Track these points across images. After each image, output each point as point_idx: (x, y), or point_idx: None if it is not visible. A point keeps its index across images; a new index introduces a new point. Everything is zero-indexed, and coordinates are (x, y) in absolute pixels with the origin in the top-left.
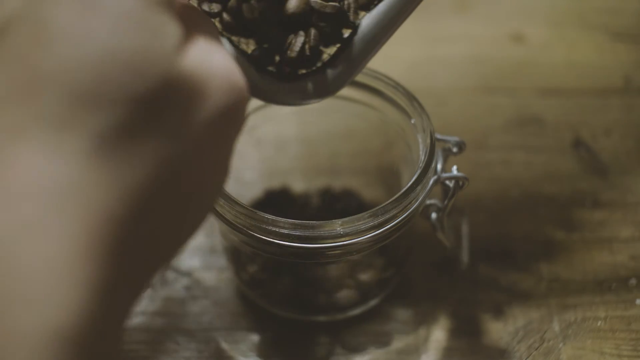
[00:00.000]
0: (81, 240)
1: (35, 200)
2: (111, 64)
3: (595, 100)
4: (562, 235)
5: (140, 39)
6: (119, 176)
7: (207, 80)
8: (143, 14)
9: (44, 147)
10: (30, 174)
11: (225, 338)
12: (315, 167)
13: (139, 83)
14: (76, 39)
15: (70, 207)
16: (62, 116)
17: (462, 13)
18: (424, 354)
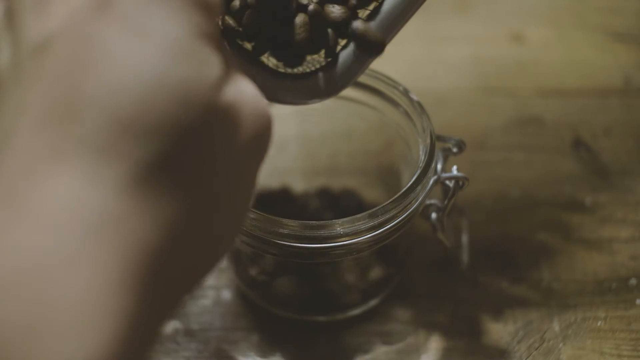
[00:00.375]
0: (117, 271)
1: (72, 228)
2: (158, 92)
3: (595, 100)
4: (562, 235)
5: (188, 69)
6: (157, 207)
7: (241, 109)
8: (192, 44)
9: (83, 173)
10: (69, 199)
11: (225, 338)
12: (315, 167)
13: (184, 114)
14: (124, 63)
15: (107, 237)
16: (104, 142)
17: (462, 13)
18: (424, 354)
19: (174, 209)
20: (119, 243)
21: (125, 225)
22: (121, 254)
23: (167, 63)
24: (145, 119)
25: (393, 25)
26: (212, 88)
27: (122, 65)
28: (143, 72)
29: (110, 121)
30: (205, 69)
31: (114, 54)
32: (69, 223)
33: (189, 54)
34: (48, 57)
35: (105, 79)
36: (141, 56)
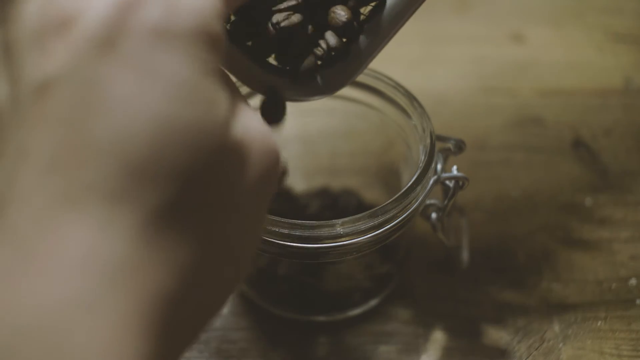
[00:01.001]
0: (134, 318)
1: (87, 277)
2: (168, 137)
3: (595, 100)
4: (562, 235)
5: (196, 111)
6: (170, 252)
7: (250, 146)
8: (200, 83)
9: (95, 221)
10: (83, 248)
11: (225, 338)
12: (315, 167)
13: (195, 158)
14: (130, 107)
15: (123, 285)
16: (115, 189)
17: (462, 13)
18: (424, 354)
19: (187, 252)
20: (135, 290)
21: (140, 272)
22: (137, 301)
23: (175, 106)
24: (155, 164)
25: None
26: (221, 128)
27: (129, 109)
28: (151, 116)
29: (120, 167)
30: (214, 108)
31: (121, 97)
32: (84, 272)
33: (197, 94)
34: (51, 100)
35: (112, 123)
36: (149, 99)
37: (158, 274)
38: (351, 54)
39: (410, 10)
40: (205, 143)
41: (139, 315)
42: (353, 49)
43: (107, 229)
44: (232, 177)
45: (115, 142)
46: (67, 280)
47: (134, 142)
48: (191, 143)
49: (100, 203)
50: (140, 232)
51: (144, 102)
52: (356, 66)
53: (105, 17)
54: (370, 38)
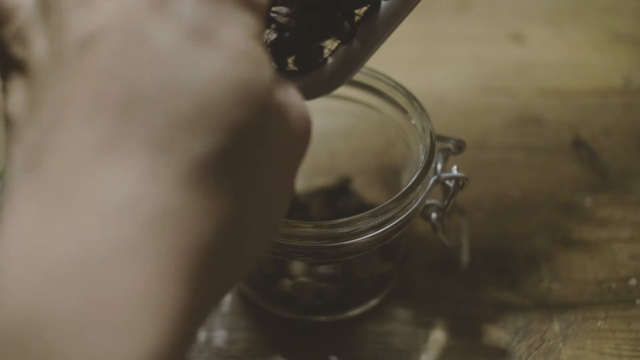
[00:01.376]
0: (172, 266)
1: (128, 222)
2: (216, 91)
3: (595, 100)
4: (562, 235)
5: (245, 69)
6: (211, 203)
7: (289, 111)
8: (247, 44)
9: (138, 167)
10: (125, 193)
11: (225, 338)
12: (315, 167)
13: (240, 113)
14: (179, 61)
15: (163, 232)
16: (160, 138)
17: (462, 13)
18: (424, 354)
19: (227, 204)
20: (175, 238)
21: (181, 220)
22: (176, 249)
23: (224, 63)
24: (202, 117)
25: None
26: (267, 88)
27: (178, 63)
28: (200, 71)
29: (166, 118)
30: (260, 70)
31: (169, 53)
32: (125, 217)
33: (245, 54)
34: (98, 52)
35: (160, 76)
36: (197, 56)
37: (198, 224)
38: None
39: (407, 9)
40: (253, 100)
41: (178, 264)
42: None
43: (150, 176)
44: (274, 136)
45: (162, 93)
46: (107, 225)
47: (182, 95)
48: (238, 100)
49: (144, 150)
50: (183, 181)
51: (193, 59)
52: (352, 66)
53: None
54: (365, 38)
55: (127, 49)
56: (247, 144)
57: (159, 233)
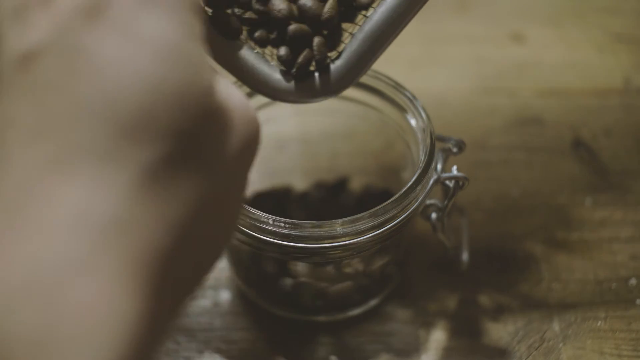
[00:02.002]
0: (128, 276)
1: (81, 235)
2: (157, 96)
3: (595, 100)
4: (562, 235)
5: (184, 73)
6: (163, 210)
7: (232, 113)
8: (186, 46)
9: (87, 180)
10: (75, 207)
11: (225, 338)
12: (315, 167)
13: (183, 116)
14: (119, 70)
15: (117, 242)
16: (105, 148)
17: (462, 13)
18: (424, 354)
19: (177, 209)
20: (129, 247)
21: (133, 229)
22: (131, 258)
23: (163, 67)
24: (145, 123)
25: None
26: (207, 91)
27: (117, 71)
28: (140, 77)
29: (109, 127)
30: (200, 71)
31: (108, 61)
32: (77, 230)
33: (183, 57)
34: (36, 68)
35: (101, 86)
36: (136, 62)
37: (151, 231)
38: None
39: (412, 12)
40: (193, 104)
41: (133, 273)
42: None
43: (98, 187)
44: (218, 138)
45: (104, 103)
46: (59, 239)
47: (123, 102)
48: (180, 103)
49: (90, 163)
50: (131, 189)
51: (132, 65)
52: (357, 70)
53: None
54: (372, 39)
55: (65, 63)
56: (192, 146)
57: (113, 244)
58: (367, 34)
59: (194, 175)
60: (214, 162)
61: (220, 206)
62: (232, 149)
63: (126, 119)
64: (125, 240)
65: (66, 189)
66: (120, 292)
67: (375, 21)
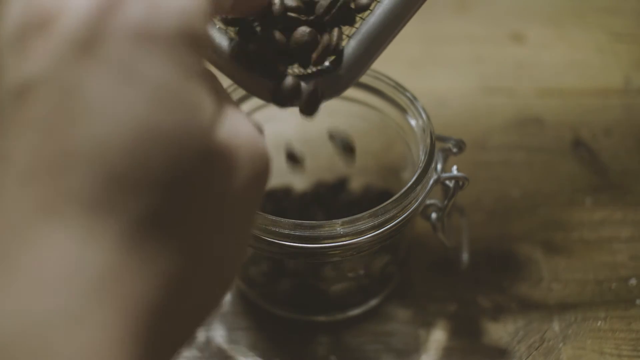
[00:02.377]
0: (119, 329)
1: (70, 288)
2: (150, 144)
3: (595, 100)
4: (562, 235)
5: (179, 115)
6: (155, 263)
7: (237, 151)
8: (182, 86)
9: (76, 230)
10: (65, 259)
11: (225, 338)
12: (315, 167)
13: (178, 164)
14: (111, 112)
15: (107, 295)
16: (96, 198)
17: (462, 13)
18: (424, 354)
19: (172, 262)
20: (119, 301)
21: (124, 283)
22: (122, 312)
23: (157, 111)
24: (137, 172)
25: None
26: (205, 133)
27: (109, 115)
28: (132, 122)
29: (100, 175)
30: (197, 113)
31: (100, 102)
32: (67, 283)
33: (180, 99)
34: (31, 106)
35: (92, 130)
36: (129, 104)
37: (143, 284)
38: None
39: (410, 13)
40: (189, 149)
41: (125, 327)
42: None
43: (88, 239)
44: (219, 183)
45: (95, 149)
46: (48, 292)
47: (115, 149)
48: (174, 149)
49: (80, 212)
50: (123, 242)
51: (125, 108)
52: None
53: (86, 16)
54: (371, 39)
55: (58, 102)
56: (187, 196)
57: (104, 297)
58: (365, 35)
59: (189, 224)
60: (215, 208)
61: (222, 251)
62: (236, 189)
63: (118, 167)
64: (117, 293)
65: (57, 237)
66: (113, 348)
67: (373, 23)
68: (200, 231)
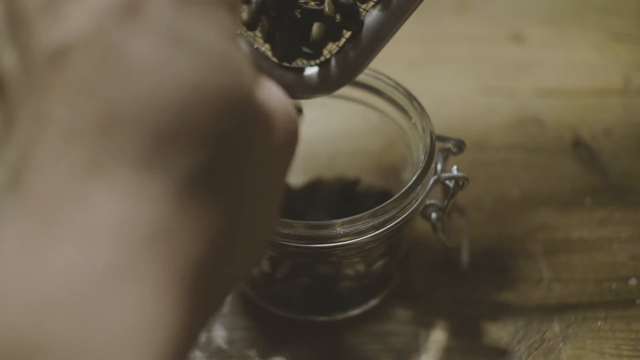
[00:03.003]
0: (168, 286)
1: (119, 245)
2: (197, 103)
3: (595, 100)
4: (562, 235)
5: (224, 76)
6: (201, 218)
7: (273, 113)
8: (225, 49)
9: (125, 187)
10: (112, 215)
11: (225, 338)
12: (315, 167)
13: (224, 123)
14: (158, 73)
15: (156, 252)
16: (144, 156)
17: (462, 13)
18: (424, 354)
19: (217, 218)
20: (168, 257)
21: (172, 238)
22: (170, 268)
23: (203, 72)
24: (185, 131)
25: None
26: (249, 94)
27: (156, 75)
28: (179, 82)
29: (148, 133)
30: (241, 74)
31: (147, 64)
32: (115, 239)
33: (223, 60)
34: (71, 66)
35: (139, 90)
36: (175, 65)
37: (191, 240)
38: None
39: (411, 8)
40: (235, 108)
41: (173, 283)
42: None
43: (137, 195)
44: (260, 142)
45: (143, 108)
46: (97, 248)
47: (163, 107)
48: (221, 108)
49: (129, 170)
50: (172, 198)
51: (172, 68)
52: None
53: None
54: (371, 35)
55: (101, 62)
56: (233, 154)
57: (151, 253)
58: (365, 31)
59: (233, 181)
60: (255, 166)
61: (260, 209)
62: (274, 148)
63: (164, 125)
64: (166, 250)
65: (105, 195)
66: (158, 303)
67: (373, 18)
68: (245, 187)
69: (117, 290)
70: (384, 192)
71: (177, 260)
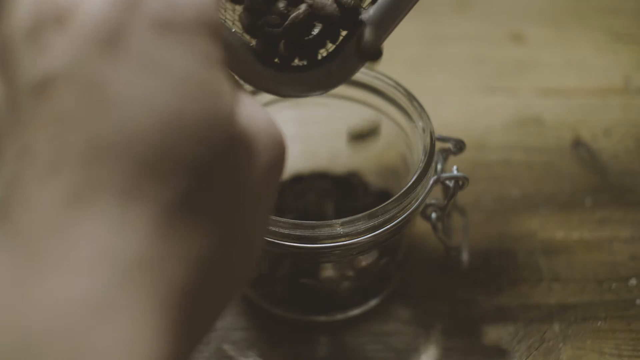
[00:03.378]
0: (153, 315)
1: (103, 275)
2: (176, 131)
3: (595, 100)
4: (562, 235)
5: (203, 104)
6: (186, 246)
7: (256, 137)
8: (204, 76)
9: (108, 218)
10: (97, 246)
11: (225, 338)
12: (316, 167)
13: (204, 151)
14: (137, 103)
15: (140, 282)
16: (125, 186)
17: (462, 13)
18: (424, 354)
19: (202, 244)
20: (153, 286)
21: (157, 267)
22: (155, 297)
23: (183, 100)
24: (166, 159)
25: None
26: (228, 119)
27: (136, 105)
28: (159, 111)
29: (129, 163)
30: (220, 100)
31: (127, 94)
32: (100, 271)
33: (203, 87)
34: (53, 98)
35: (120, 120)
36: (156, 95)
37: (175, 268)
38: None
39: (408, 6)
40: (215, 136)
41: (159, 312)
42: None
43: (120, 226)
44: (242, 167)
45: (124, 139)
46: (82, 280)
47: (143, 137)
48: (201, 136)
49: (111, 200)
50: (155, 227)
51: (151, 98)
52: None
53: (106, 11)
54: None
55: (82, 95)
56: (214, 181)
57: (135, 284)
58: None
59: (215, 209)
60: (238, 192)
61: (246, 233)
62: (258, 173)
63: (145, 156)
64: (150, 279)
65: (89, 226)
66: (146, 334)
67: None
68: (227, 214)
69: (101, 323)
70: (384, 192)
71: (162, 288)
